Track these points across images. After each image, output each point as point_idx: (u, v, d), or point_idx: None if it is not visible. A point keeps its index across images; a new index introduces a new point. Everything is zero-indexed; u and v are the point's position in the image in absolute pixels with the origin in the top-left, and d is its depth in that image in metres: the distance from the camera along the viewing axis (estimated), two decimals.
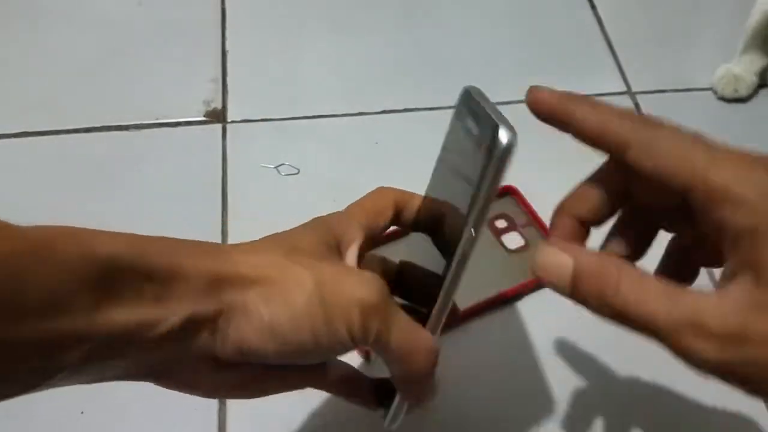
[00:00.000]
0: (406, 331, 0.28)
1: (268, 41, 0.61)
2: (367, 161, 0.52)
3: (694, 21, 0.63)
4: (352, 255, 0.30)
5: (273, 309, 0.26)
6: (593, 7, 0.64)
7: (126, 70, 0.58)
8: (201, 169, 0.52)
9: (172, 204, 0.50)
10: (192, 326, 0.25)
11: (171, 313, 0.24)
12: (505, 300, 0.44)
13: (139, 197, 0.50)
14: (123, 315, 0.23)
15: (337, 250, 0.30)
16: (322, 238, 0.30)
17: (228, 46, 0.60)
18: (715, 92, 0.57)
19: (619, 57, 0.60)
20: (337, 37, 0.61)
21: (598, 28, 0.63)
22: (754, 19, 0.56)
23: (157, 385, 0.28)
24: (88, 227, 0.26)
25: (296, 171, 0.52)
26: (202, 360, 0.26)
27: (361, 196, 0.34)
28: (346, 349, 0.28)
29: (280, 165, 0.52)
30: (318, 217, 0.31)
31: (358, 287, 0.27)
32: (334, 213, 0.32)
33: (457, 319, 0.42)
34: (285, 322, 0.26)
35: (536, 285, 0.45)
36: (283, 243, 0.29)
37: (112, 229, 0.53)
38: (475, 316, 0.44)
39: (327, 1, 0.64)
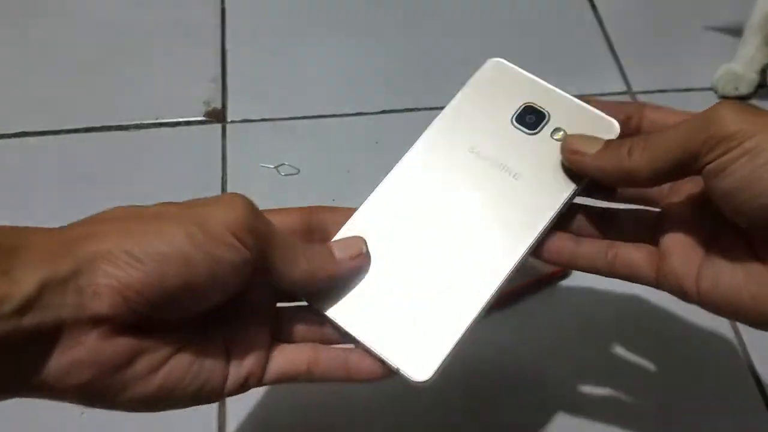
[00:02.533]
0: (283, 233, 0.28)
1: (268, 41, 0.61)
2: (367, 161, 0.52)
3: (694, 21, 0.63)
4: None
5: (138, 237, 0.24)
6: (593, 7, 0.64)
7: (126, 70, 0.58)
8: (201, 169, 0.52)
9: None
10: (50, 291, 0.23)
11: (19, 283, 0.22)
12: (512, 294, 0.44)
13: (139, 197, 0.50)
14: None
15: None
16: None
17: (228, 46, 0.60)
18: (716, 91, 0.57)
19: (619, 57, 0.60)
20: (337, 37, 0.61)
21: (599, 28, 0.63)
22: (754, 17, 0.56)
23: (46, 396, 0.24)
24: None
25: (296, 171, 0.52)
26: (79, 331, 0.23)
27: (361, 196, 0.33)
28: (239, 258, 0.25)
29: (280, 165, 0.52)
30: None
31: (227, 197, 0.27)
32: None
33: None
34: (155, 240, 0.24)
35: (538, 284, 0.45)
36: (126, 207, 0.28)
37: None
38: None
39: (327, 1, 0.64)
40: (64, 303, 0.23)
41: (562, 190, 0.30)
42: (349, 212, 0.31)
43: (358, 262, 0.29)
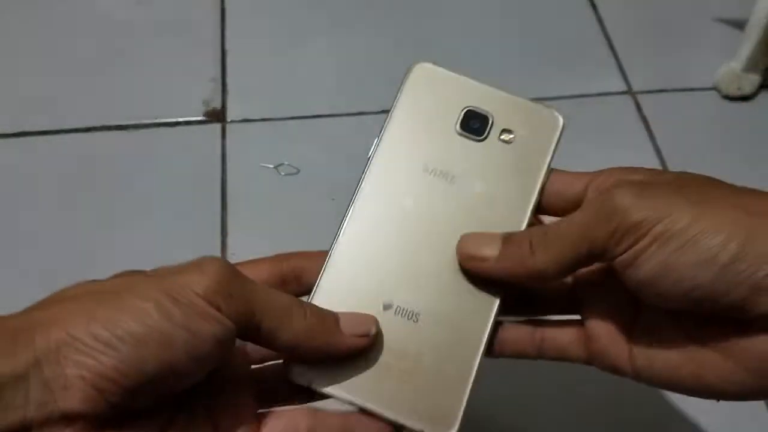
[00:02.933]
0: (267, 288, 0.24)
1: (267, 41, 0.61)
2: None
3: (694, 21, 0.63)
4: None
5: (106, 319, 0.21)
6: (594, 7, 0.64)
7: (126, 70, 0.58)
8: (201, 169, 0.52)
9: (172, 204, 0.50)
10: (8, 390, 0.20)
11: None
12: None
13: (138, 197, 0.50)
14: None
15: None
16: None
17: (228, 46, 0.60)
18: (719, 91, 0.57)
19: (620, 57, 0.60)
20: (337, 37, 0.61)
21: (599, 28, 0.62)
22: (756, 16, 0.56)
23: None
24: (85, 228, 0.25)
25: (296, 171, 0.52)
26: (53, 431, 0.20)
27: None
28: (221, 330, 0.23)
29: (280, 165, 0.52)
30: None
31: (200, 262, 0.23)
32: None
33: None
34: (126, 320, 0.21)
35: None
36: (83, 283, 0.24)
37: (111, 229, 0.53)
38: None
39: (327, 1, 0.64)
40: (27, 401, 0.20)
41: (529, 192, 0.29)
42: (322, 256, 0.28)
43: (364, 342, 0.26)
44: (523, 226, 0.28)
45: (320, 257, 0.28)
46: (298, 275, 0.28)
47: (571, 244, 0.25)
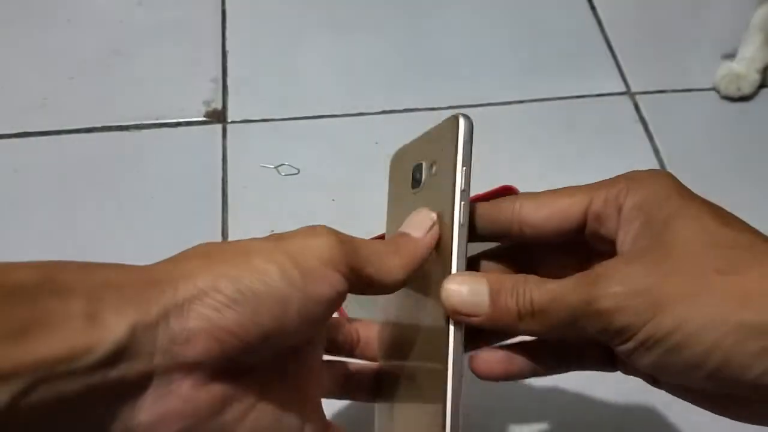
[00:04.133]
0: (368, 244, 0.26)
1: (268, 41, 0.61)
2: (367, 161, 0.52)
3: (693, 21, 0.63)
4: None
5: (231, 276, 0.22)
6: (593, 7, 0.64)
7: (126, 70, 0.58)
8: (201, 169, 0.52)
9: (172, 204, 0.50)
10: (141, 337, 0.21)
11: (109, 330, 0.21)
12: None
13: (139, 197, 0.50)
14: (48, 344, 0.20)
15: None
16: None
17: (228, 46, 0.60)
18: (719, 91, 0.57)
19: (618, 58, 0.61)
20: (337, 37, 0.61)
21: (598, 29, 0.63)
22: (756, 17, 0.56)
23: None
24: (86, 228, 0.26)
25: (296, 171, 0.52)
26: (170, 379, 0.22)
27: (361, 196, 0.33)
28: (334, 290, 0.24)
29: (280, 165, 0.52)
30: None
31: (312, 229, 0.25)
32: None
33: None
34: (249, 280, 0.22)
35: None
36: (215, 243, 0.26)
37: (111, 230, 0.53)
38: None
39: (327, 1, 0.64)
40: (154, 349, 0.21)
41: (450, 193, 0.27)
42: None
43: (435, 233, 0.27)
44: (456, 253, 0.26)
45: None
46: None
47: (559, 322, 0.25)
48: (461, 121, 0.27)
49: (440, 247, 0.27)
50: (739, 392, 0.23)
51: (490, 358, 0.29)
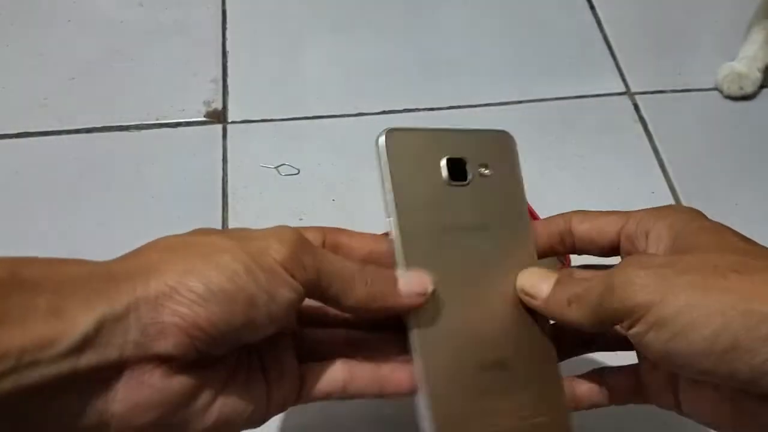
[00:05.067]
0: (335, 257, 0.27)
1: (268, 41, 0.61)
2: (367, 161, 0.52)
3: (693, 21, 0.63)
4: None
5: (200, 274, 0.23)
6: (592, 7, 0.64)
7: (126, 70, 0.58)
8: (201, 169, 0.52)
9: (172, 204, 0.50)
10: (110, 328, 0.22)
11: (74, 321, 0.21)
12: None
13: (139, 197, 0.50)
14: (13, 336, 0.20)
15: None
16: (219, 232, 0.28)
17: (228, 47, 0.60)
18: (721, 91, 0.58)
19: (618, 58, 0.61)
20: (337, 38, 0.61)
21: (597, 29, 0.63)
22: (757, 16, 0.56)
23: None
24: (86, 228, 0.26)
25: (296, 171, 0.52)
26: (142, 370, 0.23)
27: (361, 196, 0.33)
28: (293, 295, 0.25)
29: (280, 165, 0.52)
30: None
31: (276, 231, 0.26)
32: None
33: None
34: (219, 278, 0.23)
35: None
36: (174, 235, 0.27)
37: (111, 230, 0.53)
38: None
39: (327, 2, 0.64)
40: (125, 340, 0.22)
41: (524, 214, 0.31)
42: (364, 239, 0.30)
43: (421, 301, 0.28)
44: (532, 245, 0.31)
45: (364, 240, 0.30)
46: (335, 249, 0.30)
47: (592, 311, 0.27)
48: (514, 139, 0.32)
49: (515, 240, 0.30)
50: (745, 382, 0.23)
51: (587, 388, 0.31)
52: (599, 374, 0.31)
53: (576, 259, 0.34)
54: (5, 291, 0.21)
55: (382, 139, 0.31)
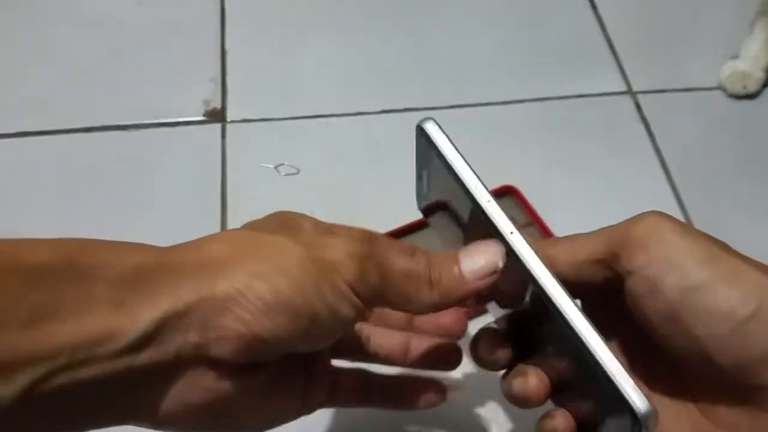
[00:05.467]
0: (402, 270, 0.25)
1: (268, 41, 0.61)
2: (367, 161, 0.52)
3: (694, 20, 0.63)
4: None
5: (270, 282, 0.22)
6: (594, 7, 0.64)
7: (126, 70, 0.58)
8: (201, 169, 0.52)
9: (171, 204, 0.50)
10: (171, 327, 0.21)
11: (135, 317, 0.20)
12: None
13: (138, 197, 0.50)
14: (68, 330, 0.19)
15: (298, 229, 0.26)
16: (277, 220, 0.27)
17: (227, 46, 0.60)
18: (725, 90, 0.57)
19: (619, 57, 0.60)
20: (337, 37, 0.61)
21: (599, 28, 0.62)
22: (759, 14, 0.56)
23: (154, 427, 0.23)
24: (85, 228, 0.26)
25: (296, 171, 0.52)
26: (195, 371, 0.22)
27: (361, 196, 0.33)
28: (354, 312, 0.24)
29: (279, 165, 0.52)
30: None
31: (345, 243, 0.24)
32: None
33: None
34: (288, 290, 0.22)
35: None
36: (241, 228, 0.26)
37: (111, 229, 0.53)
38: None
39: (327, 1, 0.64)
40: (185, 340, 0.21)
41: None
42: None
43: (490, 280, 0.26)
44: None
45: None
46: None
47: (592, 242, 0.26)
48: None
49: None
50: (735, 369, 0.23)
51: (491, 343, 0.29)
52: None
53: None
54: (60, 280, 0.20)
55: (429, 125, 0.29)
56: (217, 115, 0.55)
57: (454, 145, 0.27)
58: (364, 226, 0.31)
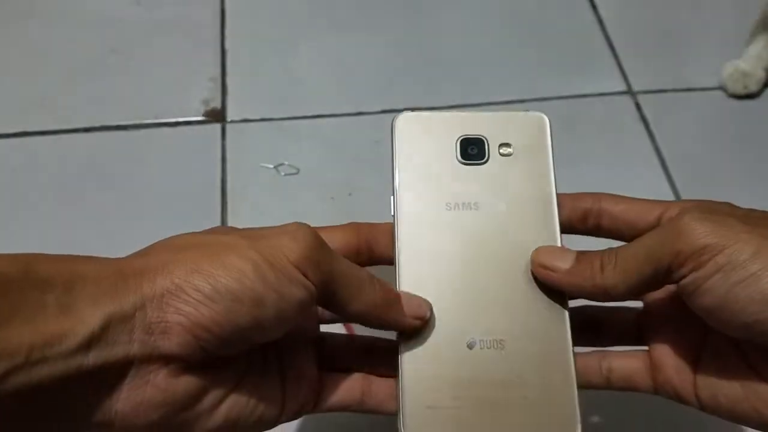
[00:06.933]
0: (347, 261, 0.26)
1: (268, 41, 0.61)
2: (367, 161, 0.52)
3: (695, 20, 0.63)
4: None
5: (208, 273, 0.23)
6: (594, 7, 0.64)
7: (126, 70, 0.58)
8: (201, 169, 0.52)
9: (172, 204, 0.50)
10: (116, 328, 0.22)
11: (82, 319, 0.21)
12: None
13: (138, 197, 0.50)
14: (23, 333, 0.20)
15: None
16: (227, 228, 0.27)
17: (227, 46, 0.60)
18: (726, 90, 0.57)
19: (619, 57, 0.60)
20: (336, 37, 0.61)
21: (599, 28, 0.62)
22: (761, 14, 0.56)
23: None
24: (85, 228, 0.26)
25: (296, 171, 0.52)
26: (147, 368, 0.23)
27: (361, 195, 0.33)
28: (304, 293, 0.24)
29: (279, 165, 0.52)
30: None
31: (290, 228, 0.25)
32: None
33: None
34: (225, 278, 0.23)
35: None
36: (188, 233, 0.26)
37: (111, 229, 0.53)
38: None
39: (327, 1, 0.64)
40: (131, 339, 0.22)
41: (549, 194, 0.30)
42: (388, 227, 0.30)
43: (419, 324, 0.27)
44: (557, 229, 0.29)
45: (386, 228, 0.30)
46: (371, 247, 0.30)
47: (638, 264, 0.26)
48: (547, 120, 0.31)
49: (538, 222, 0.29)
50: None
51: None
52: (601, 353, 0.30)
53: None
54: (18, 287, 0.21)
55: (395, 122, 0.31)
56: (217, 115, 0.55)
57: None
58: None
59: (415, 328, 0.27)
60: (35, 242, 0.47)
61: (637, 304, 0.31)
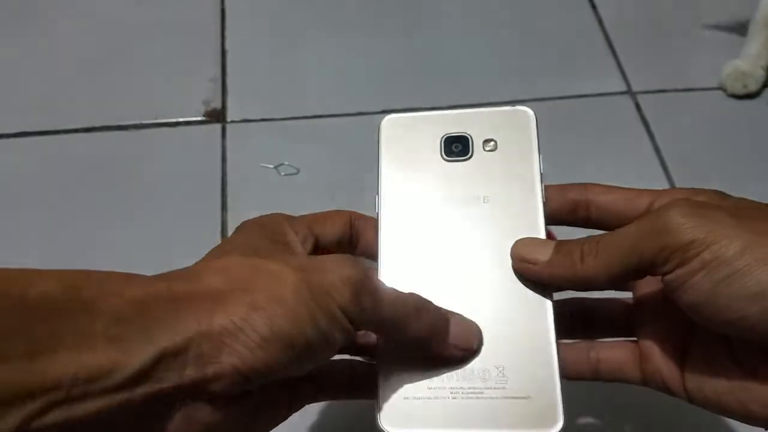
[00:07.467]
0: (394, 297, 0.26)
1: (268, 41, 0.61)
2: (367, 161, 0.52)
3: (695, 20, 0.63)
4: (308, 247, 0.28)
5: (267, 314, 0.22)
6: (593, 6, 0.64)
7: (126, 70, 0.58)
8: (201, 169, 0.52)
9: (172, 204, 0.50)
10: (167, 362, 0.21)
11: (131, 352, 0.20)
12: None
13: (139, 197, 0.50)
14: (67, 362, 0.19)
15: (286, 247, 0.27)
16: (266, 236, 0.27)
17: (227, 46, 0.60)
18: (725, 89, 0.57)
19: (619, 57, 0.60)
20: (337, 37, 0.61)
21: (599, 28, 0.62)
22: (759, 13, 0.56)
23: None
24: (85, 228, 0.25)
25: (296, 171, 0.52)
26: (193, 406, 0.22)
27: (361, 195, 0.33)
28: (344, 338, 0.24)
29: (279, 165, 0.52)
30: (246, 221, 0.29)
31: (339, 267, 0.24)
32: (264, 215, 0.29)
33: None
34: (283, 321, 0.23)
35: None
36: (230, 248, 0.26)
37: (111, 229, 0.53)
38: None
39: (327, 1, 0.64)
40: (182, 375, 0.21)
41: (534, 187, 0.30)
42: (372, 220, 0.30)
43: (465, 355, 0.27)
44: (542, 221, 0.29)
45: (371, 220, 0.30)
46: (358, 239, 0.30)
47: (620, 256, 0.25)
48: (532, 113, 0.31)
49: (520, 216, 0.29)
50: None
51: None
52: (589, 344, 0.30)
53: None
54: (61, 311, 0.20)
55: (380, 124, 0.32)
56: (217, 115, 0.55)
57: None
58: None
59: (457, 358, 0.27)
60: (35, 242, 0.48)
61: (627, 294, 0.31)
